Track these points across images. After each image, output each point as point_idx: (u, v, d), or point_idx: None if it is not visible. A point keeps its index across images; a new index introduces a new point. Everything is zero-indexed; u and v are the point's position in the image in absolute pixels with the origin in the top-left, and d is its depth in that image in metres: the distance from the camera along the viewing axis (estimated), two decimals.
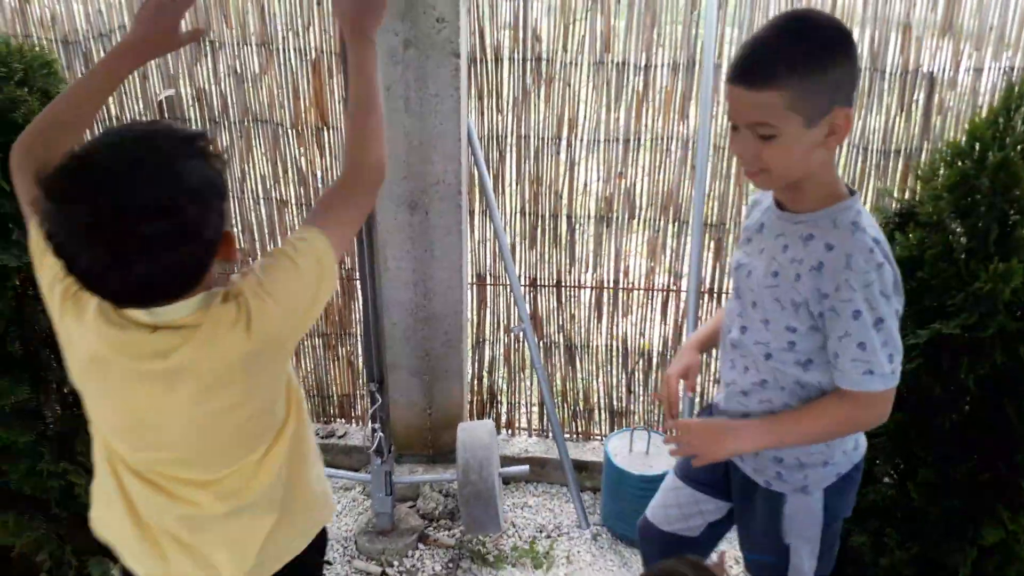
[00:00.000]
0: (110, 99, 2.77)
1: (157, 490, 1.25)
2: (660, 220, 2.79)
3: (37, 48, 2.30)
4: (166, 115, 2.79)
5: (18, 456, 2.36)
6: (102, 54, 2.73)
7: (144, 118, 2.81)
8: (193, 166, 1.07)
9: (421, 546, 2.69)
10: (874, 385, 1.37)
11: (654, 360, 2.99)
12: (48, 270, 1.20)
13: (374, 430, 2.46)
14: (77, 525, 2.51)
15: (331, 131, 2.79)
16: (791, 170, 1.36)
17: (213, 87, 2.77)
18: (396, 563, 2.62)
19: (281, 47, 2.68)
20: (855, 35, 2.46)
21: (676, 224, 2.78)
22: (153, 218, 1.02)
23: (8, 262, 2.20)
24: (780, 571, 1.63)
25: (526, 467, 2.75)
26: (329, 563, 2.04)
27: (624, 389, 3.05)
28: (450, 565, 2.62)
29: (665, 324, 2.93)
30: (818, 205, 1.39)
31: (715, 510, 1.79)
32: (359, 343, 3.01)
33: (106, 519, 1.35)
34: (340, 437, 3.12)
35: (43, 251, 1.17)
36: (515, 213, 2.85)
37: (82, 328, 1.16)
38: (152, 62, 2.72)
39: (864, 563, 2.24)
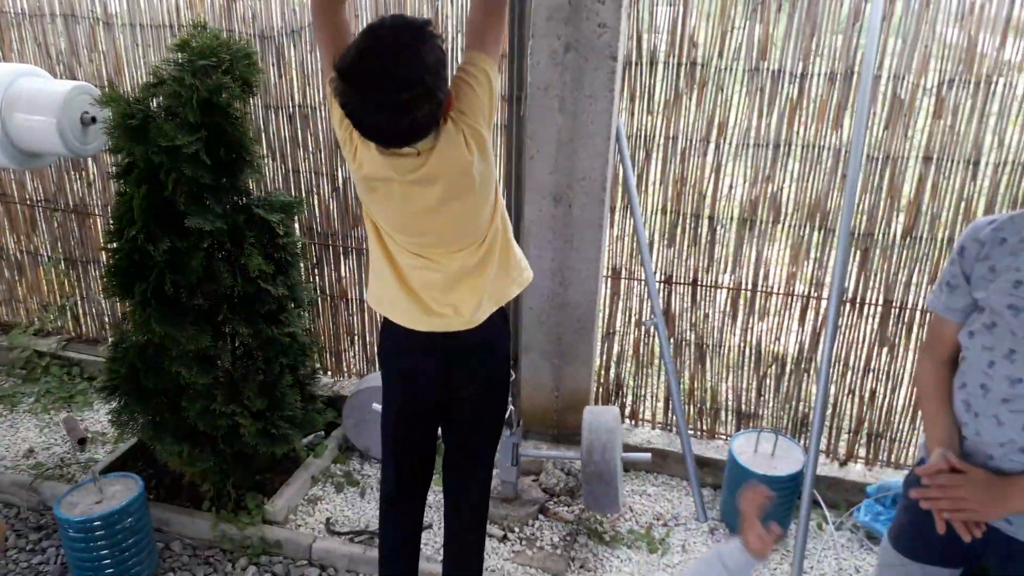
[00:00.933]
0: (296, 86, 3.06)
1: (425, 262, 1.84)
2: (805, 227, 2.79)
3: (242, 42, 2.60)
4: None
5: (196, 396, 2.68)
6: (293, 49, 3.03)
7: (323, 107, 3.09)
8: (428, 48, 1.54)
9: (541, 517, 2.85)
10: None
11: (787, 366, 2.98)
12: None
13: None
14: (239, 461, 2.83)
15: None
16: None
17: None
18: (517, 530, 2.79)
19: (452, 46, 2.86)
20: (1020, 44, 2.37)
21: (821, 232, 2.77)
22: (408, 88, 1.50)
23: (203, 226, 2.50)
24: None
25: (648, 455, 2.83)
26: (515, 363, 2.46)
27: (754, 392, 3.07)
28: (567, 538, 2.75)
29: (803, 331, 2.92)
30: None
31: None
32: None
33: (379, 294, 1.93)
34: None
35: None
36: (656, 211, 2.92)
37: (371, 156, 1.70)
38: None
39: None
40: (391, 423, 2.08)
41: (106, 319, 3.85)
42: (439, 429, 2.12)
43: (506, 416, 2.15)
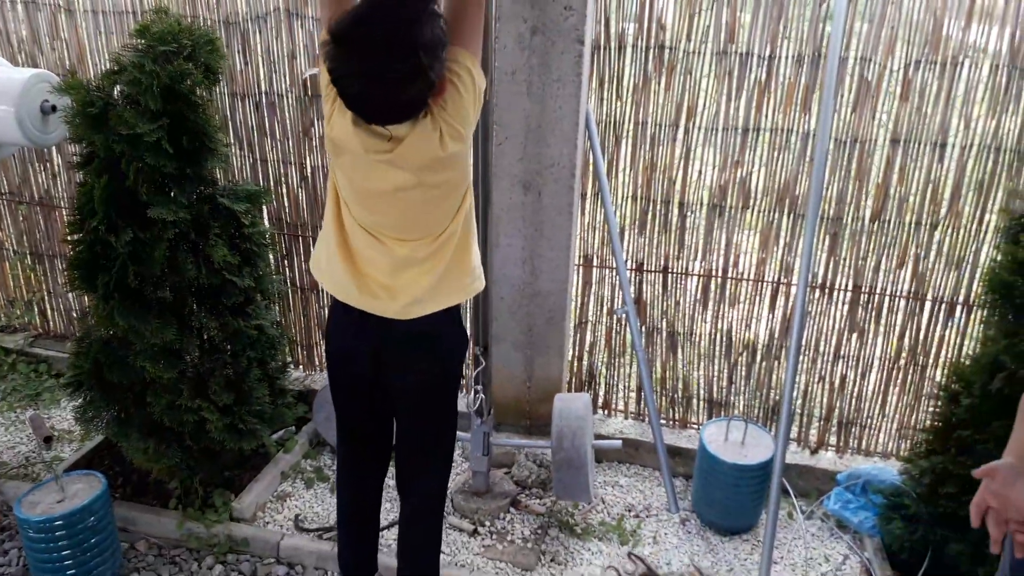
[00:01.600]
0: (262, 73, 3.02)
1: (374, 242, 1.81)
2: (775, 212, 2.77)
3: (204, 27, 2.55)
4: (310, 92, 3.01)
5: (162, 391, 2.63)
6: (259, 35, 2.98)
7: (291, 94, 3.04)
8: (429, 25, 1.50)
9: (513, 510, 2.82)
10: None
11: (759, 353, 2.97)
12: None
13: (476, 391, 2.60)
14: (207, 457, 2.78)
15: None
16: None
17: None
18: (488, 523, 2.76)
19: None
20: (994, 32, 2.38)
21: (791, 217, 2.76)
22: (400, 62, 1.48)
23: (166, 216, 2.46)
24: None
25: (619, 442, 2.80)
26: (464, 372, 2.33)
27: (725, 380, 3.05)
28: (539, 531, 2.73)
29: (773, 317, 2.91)
30: None
31: None
32: (467, 314, 3.15)
33: (321, 261, 1.92)
34: None
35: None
36: (627, 198, 2.90)
37: (343, 124, 1.67)
38: (300, 43, 2.95)
39: (960, 572, 2.18)
40: (335, 403, 2.07)
41: (74, 315, 3.79)
42: (392, 419, 2.10)
43: (457, 414, 2.11)
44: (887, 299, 2.78)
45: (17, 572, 2.59)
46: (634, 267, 2.98)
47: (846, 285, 2.79)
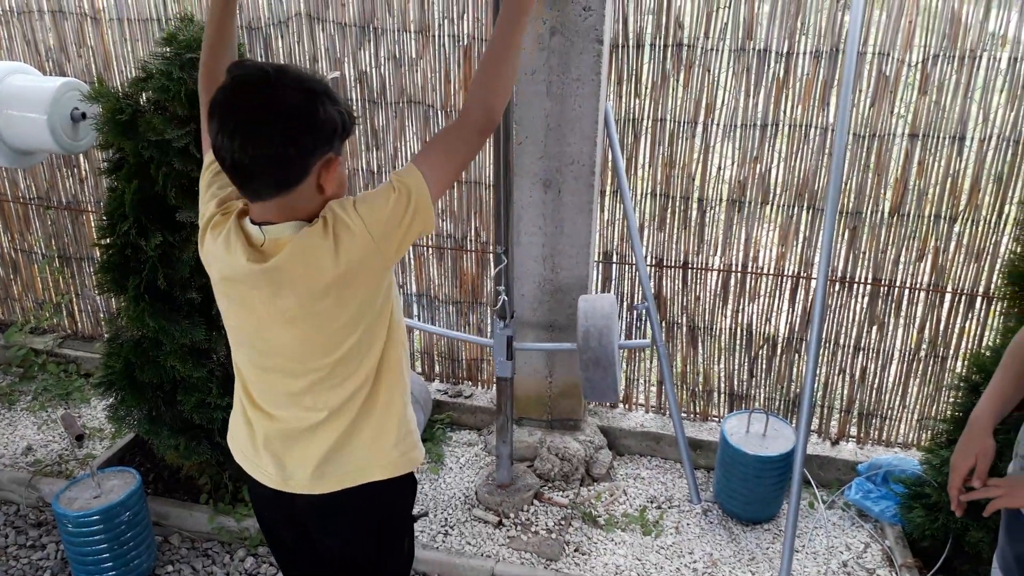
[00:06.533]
0: None
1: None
2: (794, 207, 2.79)
3: None
4: None
5: (191, 389, 2.69)
6: (280, 40, 3.03)
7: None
8: (292, 97, 1.29)
9: (536, 503, 2.86)
10: None
11: (779, 346, 3.00)
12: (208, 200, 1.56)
13: (498, 292, 2.53)
14: None
15: None
16: None
17: (373, 70, 3.01)
18: (512, 515, 2.80)
19: (437, 34, 2.87)
20: (1013, 19, 2.37)
21: (810, 211, 2.78)
22: (262, 120, 1.28)
23: (194, 219, 2.51)
24: None
25: (647, 341, 2.72)
26: (425, 514, 1.86)
27: (746, 373, 3.08)
28: (562, 523, 2.77)
29: (793, 311, 2.93)
30: None
31: None
32: (488, 311, 3.19)
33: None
34: (467, 397, 3.33)
35: (207, 184, 1.58)
36: (646, 194, 2.93)
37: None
38: (321, 47, 2.99)
39: (981, 559, 2.20)
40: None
41: (101, 316, 3.86)
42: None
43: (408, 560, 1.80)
44: (907, 291, 2.79)
45: (56, 565, 2.67)
46: (654, 263, 3.01)
47: (866, 278, 2.81)
